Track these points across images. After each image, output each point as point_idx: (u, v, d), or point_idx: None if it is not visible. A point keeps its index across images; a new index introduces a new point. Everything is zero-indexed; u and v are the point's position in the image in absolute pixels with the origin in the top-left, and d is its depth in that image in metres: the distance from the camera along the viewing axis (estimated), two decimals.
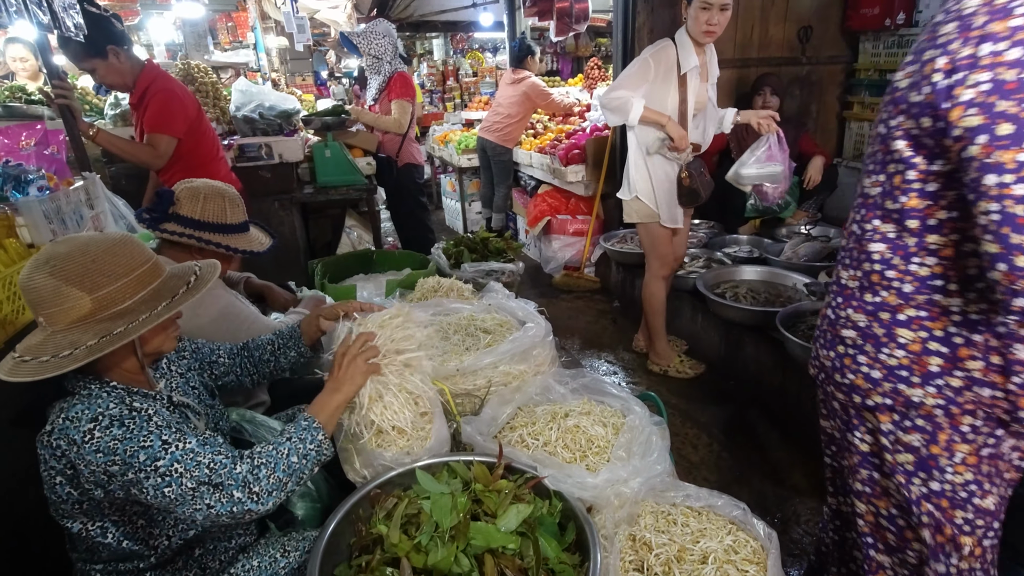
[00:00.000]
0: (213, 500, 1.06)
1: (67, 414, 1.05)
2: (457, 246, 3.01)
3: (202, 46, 6.46)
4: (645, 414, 1.53)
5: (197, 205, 1.62)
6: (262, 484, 1.10)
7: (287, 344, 1.57)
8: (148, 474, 1.03)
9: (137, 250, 1.14)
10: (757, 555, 1.17)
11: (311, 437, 1.19)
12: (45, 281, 1.04)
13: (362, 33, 3.69)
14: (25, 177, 1.72)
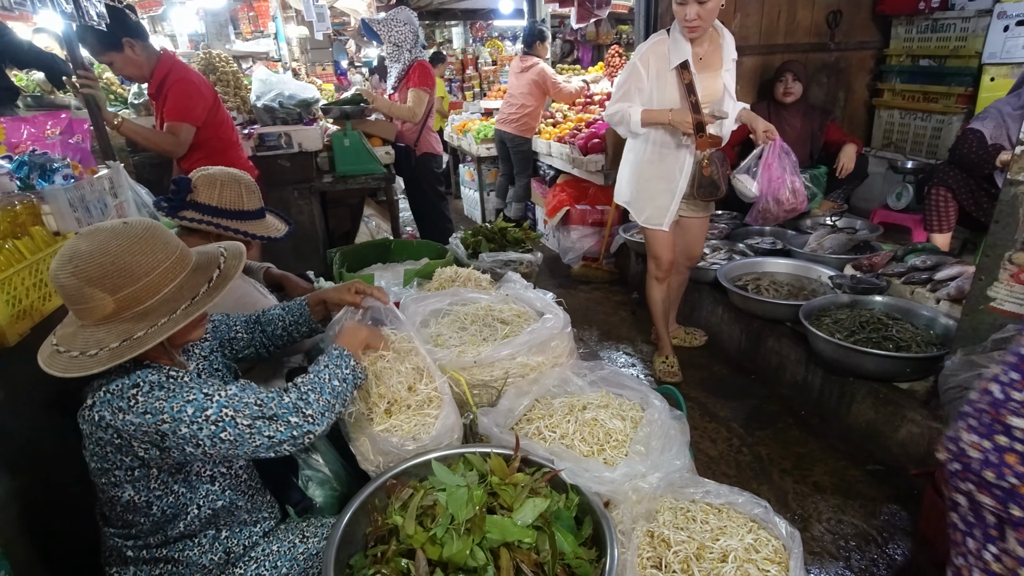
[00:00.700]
0: (272, 431, 1.13)
1: (107, 387, 1.09)
2: (475, 236, 3.00)
3: (224, 36, 6.51)
4: (664, 408, 1.50)
5: (214, 192, 1.64)
6: (313, 407, 1.18)
7: (298, 320, 1.60)
8: (201, 425, 1.08)
9: (160, 244, 1.12)
10: (779, 554, 1.14)
11: (345, 363, 1.31)
12: (68, 280, 1.05)
13: (383, 20, 3.67)
14: (50, 165, 1.74)
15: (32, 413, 1.42)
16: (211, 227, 1.61)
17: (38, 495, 1.39)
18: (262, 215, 1.76)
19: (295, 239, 3.43)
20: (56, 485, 1.42)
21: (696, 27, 2.28)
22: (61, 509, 1.44)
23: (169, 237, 1.17)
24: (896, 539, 1.97)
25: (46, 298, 1.50)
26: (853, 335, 2.35)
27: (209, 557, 1.23)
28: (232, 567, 1.25)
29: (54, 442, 1.43)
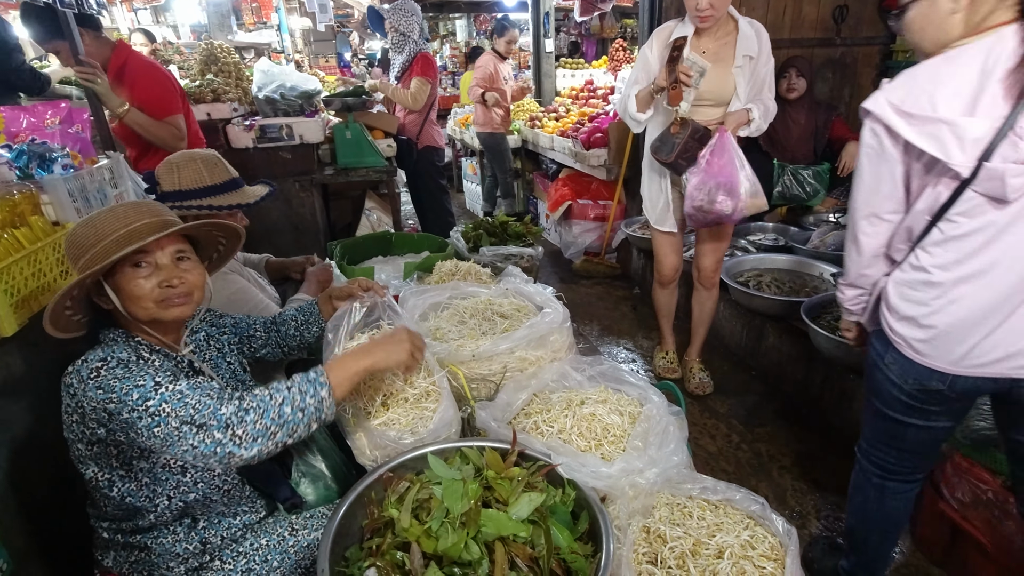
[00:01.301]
0: (196, 440, 1.04)
1: (86, 356, 1.12)
2: (476, 229, 2.99)
3: (226, 26, 6.49)
4: (663, 403, 1.50)
5: (175, 176, 1.64)
6: (247, 428, 1.06)
7: (308, 320, 1.60)
8: (140, 414, 1.05)
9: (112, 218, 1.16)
10: (775, 551, 1.14)
11: (313, 391, 1.13)
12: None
13: (392, 8, 3.66)
14: (50, 155, 1.73)
15: (30, 402, 1.42)
16: (183, 211, 1.61)
17: (36, 484, 1.40)
18: (235, 185, 1.74)
19: (296, 232, 3.43)
20: (54, 474, 1.42)
21: (708, 17, 2.13)
22: (59, 498, 1.44)
23: (136, 213, 1.18)
24: None
25: (45, 288, 1.50)
26: None
27: (184, 546, 1.23)
28: (211, 559, 1.25)
29: (53, 431, 1.42)
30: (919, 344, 1.28)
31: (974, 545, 1.69)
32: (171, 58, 4.19)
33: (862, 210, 1.32)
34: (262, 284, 2.03)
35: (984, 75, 1.10)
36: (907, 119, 1.16)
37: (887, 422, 1.43)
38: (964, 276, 1.21)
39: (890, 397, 1.38)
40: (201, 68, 3.44)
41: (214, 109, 3.14)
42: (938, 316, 1.24)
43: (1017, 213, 1.13)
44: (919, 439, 1.41)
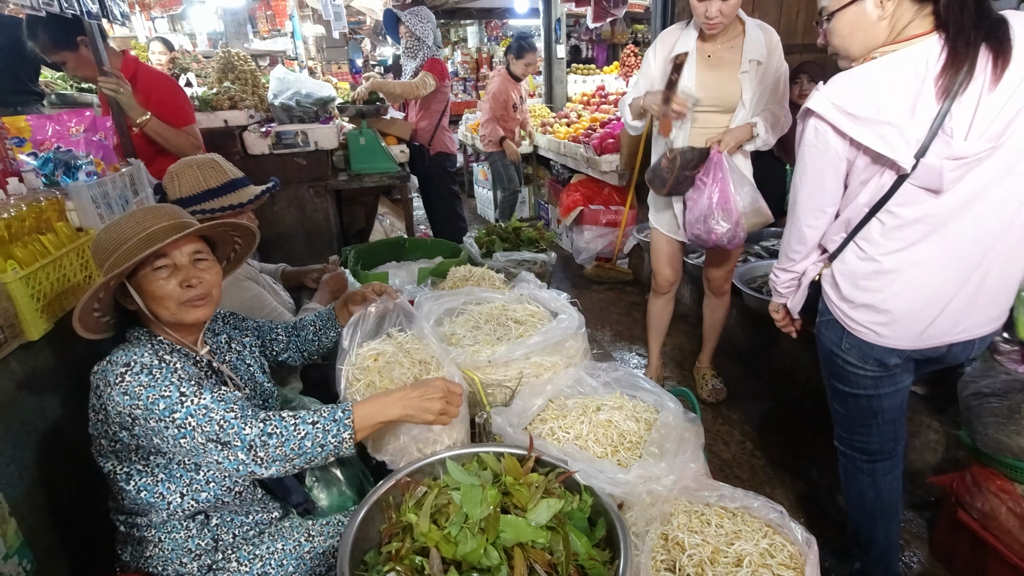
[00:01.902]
0: (220, 457, 1.11)
1: (112, 357, 1.15)
2: (489, 235, 3.01)
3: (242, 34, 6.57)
4: (679, 410, 1.50)
5: (175, 185, 1.69)
6: (268, 451, 1.12)
7: (326, 326, 1.65)
8: (167, 424, 1.10)
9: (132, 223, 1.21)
10: (795, 560, 1.13)
11: (336, 431, 1.16)
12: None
13: (411, 12, 3.71)
14: (75, 162, 1.77)
15: (55, 403, 1.45)
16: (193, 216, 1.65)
17: (61, 483, 1.42)
18: (236, 186, 1.76)
19: (309, 237, 3.46)
20: (78, 473, 1.44)
21: (716, 24, 2.09)
22: (83, 497, 1.46)
23: (155, 217, 1.22)
24: (913, 546, 1.95)
25: (70, 292, 1.53)
26: None
27: (196, 542, 1.25)
28: (224, 559, 1.26)
29: (77, 431, 1.45)
30: (880, 327, 1.38)
31: (994, 555, 1.67)
32: (189, 66, 4.26)
33: (806, 204, 1.42)
34: (276, 290, 2.06)
35: (918, 79, 1.19)
36: (853, 120, 1.24)
37: (860, 401, 1.52)
38: (913, 262, 1.32)
39: (856, 378, 1.48)
40: (219, 76, 3.49)
41: (231, 116, 3.19)
42: (895, 301, 1.35)
43: (955, 201, 1.25)
44: (893, 405, 1.51)
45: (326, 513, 1.44)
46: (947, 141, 1.19)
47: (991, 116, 1.18)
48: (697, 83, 2.21)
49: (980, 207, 1.26)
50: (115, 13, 1.93)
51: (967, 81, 1.16)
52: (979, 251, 1.29)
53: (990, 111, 1.17)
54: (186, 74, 3.69)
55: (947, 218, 1.27)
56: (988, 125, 1.18)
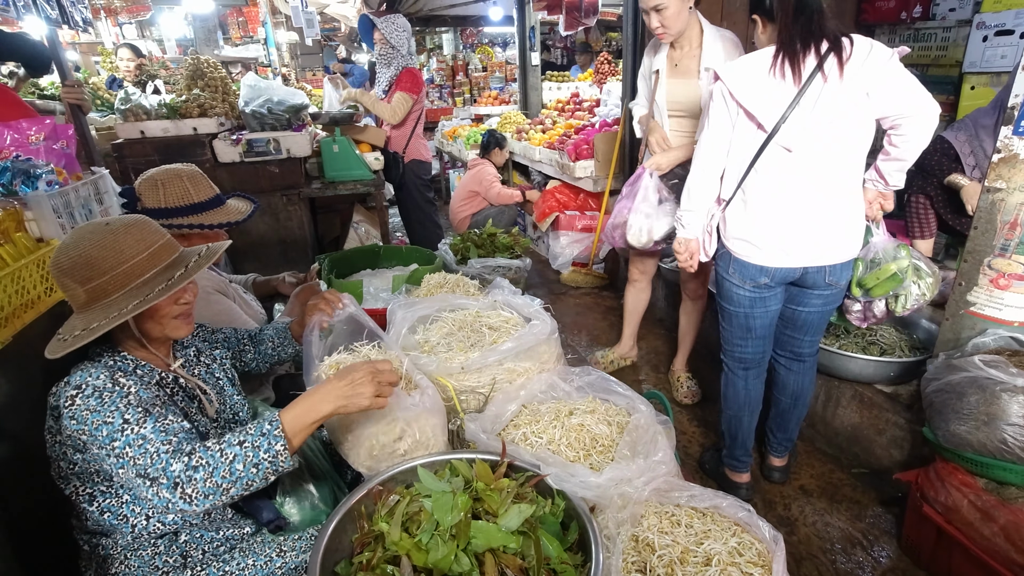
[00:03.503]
0: (150, 493, 1.05)
1: (68, 378, 1.13)
2: (464, 242, 3.01)
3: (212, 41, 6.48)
4: (651, 413, 1.51)
5: (159, 194, 1.64)
6: (196, 486, 1.04)
7: (284, 343, 1.67)
8: (108, 452, 1.08)
9: (133, 240, 1.17)
10: (762, 557, 1.15)
11: (267, 446, 1.08)
12: (52, 271, 1.16)
13: (385, 20, 3.69)
14: (34, 171, 1.72)
15: (13, 419, 1.40)
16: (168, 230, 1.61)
17: (20, 501, 1.37)
18: (219, 202, 1.74)
19: (284, 245, 3.42)
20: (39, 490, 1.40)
21: (662, 35, 2.23)
22: (44, 514, 1.42)
23: (148, 234, 1.20)
24: (881, 542, 1.99)
25: (28, 306, 1.49)
26: (839, 339, 2.38)
27: (164, 559, 1.22)
28: (193, 575, 1.24)
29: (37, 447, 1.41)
30: (750, 250, 1.83)
31: (958, 548, 1.71)
32: (157, 73, 4.18)
33: (707, 147, 1.81)
34: (247, 300, 2.02)
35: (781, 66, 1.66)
36: (742, 87, 1.70)
37: (739, 318, 1.96)
38: (772, 203, 1.77)
39: (738, 298, 1.92)
40: (187, 83, 3.43)
41: (201, 124, 3.14)
42: (760, 231, 1.80)
43: (802, 158, 1.71)
44: (765, 324, 1.95)
45: (299, 528, 1.41)
46: (799, 113, 1.66)
47: (828, 102, 1.64)
48: (668, 91, 2.36)
49: (819, 164, 1.71)
50: (76, 20, 1.89)
51: (814, 76, 1.63)
52: (818, 196, 1.75)
53: (827, 98, 1.64)
54: (154, 81, 3.62)
55: (796, 171, 1.73)
56: (827, 108, 1.65)
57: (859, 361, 2.23)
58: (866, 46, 1.66)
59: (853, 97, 1.63)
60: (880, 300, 1.98)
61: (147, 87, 3.47)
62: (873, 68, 1.63)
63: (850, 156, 1.73)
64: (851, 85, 1.63)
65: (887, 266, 1.91)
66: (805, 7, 1.65)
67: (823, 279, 1.84)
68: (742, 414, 2.10)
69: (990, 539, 1.60)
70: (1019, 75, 1.67)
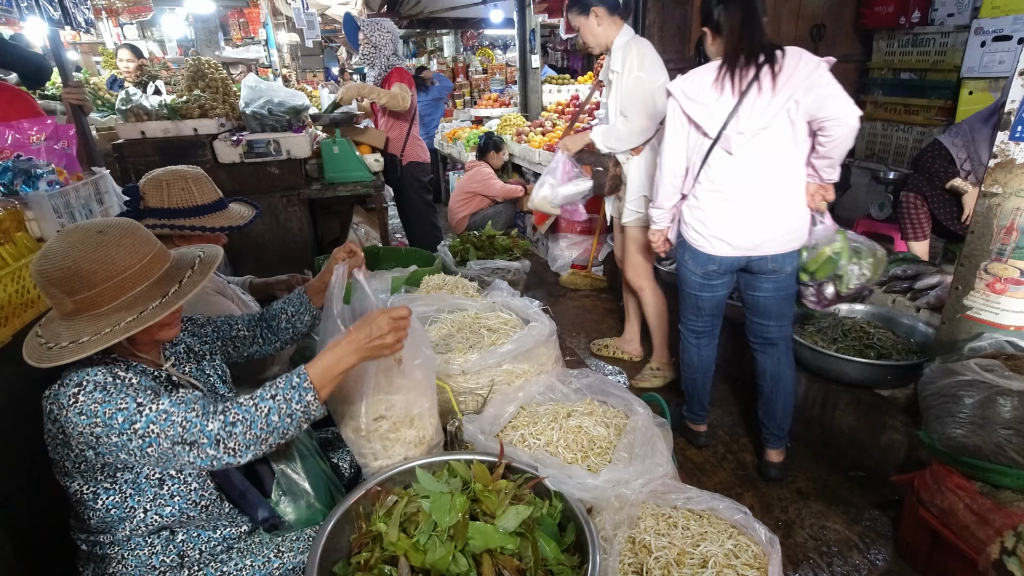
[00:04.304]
0: (192, 457, 1.10)
1: (63, 380, 1.12)
2: (463, 244, 3.02)
3: (213, 42, 6.49)
4: (648, 415, 1.52)
5: (163, 194, 1.63)
6: (237, 440, 1.11)
7: (299, 311, 1.60)
8: (130, 436, 1.08)
9: (125, 253, 1.12)
10: (758, 560, 1.15)
11: (298, 397, 1.15)
12: (36, 277, 1.12)
13: (369, 21, 3.71)
14: (35, 171, 1.73)
15: (11, 419, 1.41)
16: (169, 230, 1.60)
17: (16, 501, 1.38)
18: (222, 205, 1.72)
19: (283, 246, 3.42)
20: (35, 490, 1.40)
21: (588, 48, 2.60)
22: (40, 514, 1.42)
23: (141, 244, 1.16)
24: (878, 545, 1.99)
25: (28, 305, 1.49)
26: (836, 343, 2.39)
27: (160, 558, 1.22)
28: (191, 574, 1.24)
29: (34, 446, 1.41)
30: (701, 240, 2.07)
31: (953, 551, 1.72)
32: (158, 73, 4.19)
33: (669, 156, 2.05)
34: (245, 301, 2.02)
35: (726, 82, 1.88)
36: (689, 100, 1.94)
37: (692, 298, 2.23)
38: (717, 199, 2.00)
39: (692, 281, 2.18)
40: (188, 84, 3.44)
41: (201, 124, 3.14)
42: (709, 224, 2.03)
43: (740, 160, 1.94)
44: (713, 303, 2.22)
45: (294, 527, 1.41)
46: (736, 121, 1.89)
47: (761, 110, 1.85)
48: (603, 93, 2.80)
49: (756, 165, 1.93)
50: (79, 20, 1.90)
51: (751, 87, 1.84)
52: (756, 194, 1.96)
53: (760, 107, 1.85)
54: (155, 82, 3.63)
55: (736, 171, 1.95)
56: (760, 115, 1.85)
57: (856, 364, 2.24)
58: (796, 56, 1.85)
59: (785, 103, 1.83)
60: (828, 283, 2.13)
61: (148, 88, 3.48)
62: (802, 77, 1.82)
63: (785, 156, 1.92)
64: (783, 92, 1.83)
65: (823, 250, 2.08)
66: (747, 24, 1.86)
67: (767, 266, 2.06)
68: (696, 375, 2.39)
69: (985, 543, 1.61)
70: (1016, 80, 1.68)
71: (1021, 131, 1.68)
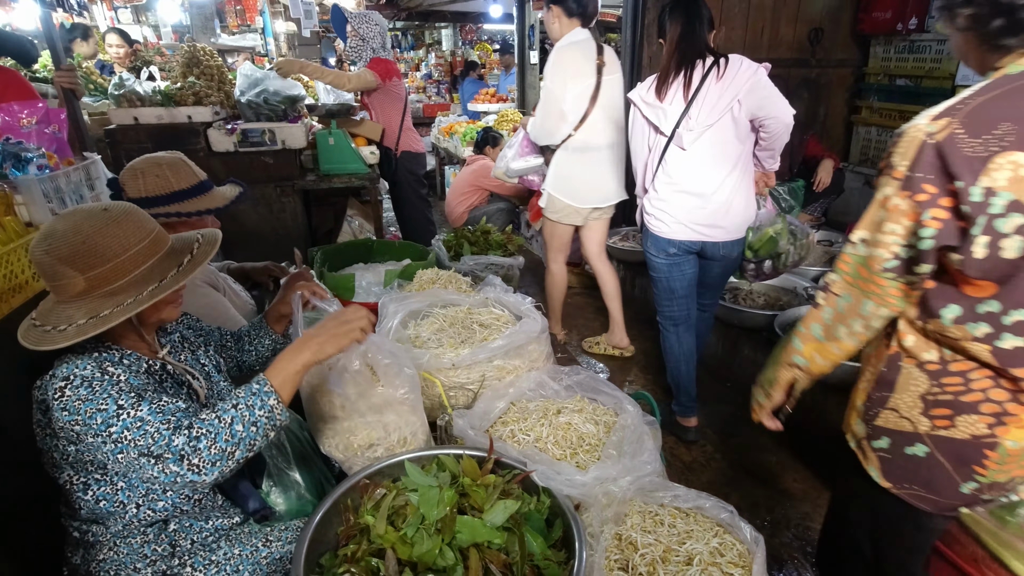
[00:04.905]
0: (156, 471, 1.06)
1: (54, 371, 1.10)
2: (457, 238, 3.00)
3: (209, 29, 6.43)
4: (638, 413, 1.53)
5: (139, 183, 1.60)
6: (202, 456, 1.06)
7: (258, 333, 1.61)
8: (104, 439, 1.06)
9: (133, 228, 1.15)
10: (743, 558, 1.16)
11: (260, 403, 1.12)
12: (43, 258, 1.10)
13: (357, 14, 3.68)
14: (25, 155, 1.71)
15: (2, 408, 1.39)
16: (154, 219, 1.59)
17: (12, 487, 1.37)
18: (203, 189, 1.69)
19: (277, 237, 3.40)
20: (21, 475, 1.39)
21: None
22: (27, 498, 1.41)
23: (144, 221, 1.18)
24: None
25: (16, 290, 1.48)
26: None
27: (152, 547, 1.22)
28: (181, 564, 1.24)
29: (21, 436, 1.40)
30: (661, 226, 2.34)
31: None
32: (152, 59, 4.14)
33: (635, 151, 2.39)
34: (236, 291, 2.00)
35: (677, 87, 2.17)
36: (646, 104, 2.25)
37: (662, 282, 2.45)
38: (673, 189, 2.29)
39: (659, 265, 2.42)
40: (183, 70, 3.40)
41: (195, 112, 3.12)
42: (666, 211, 2.32)
43: (692, 154, 2.22)
44: (683, 285, 2.42)
45: (285, 518, 1.41)
46: (687, 120, 2.17)
47: (709, 109, 2.12)
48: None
49: (704, 159, 2.21)
50: (71, 2, 1.87)
51: (699, 90, 2.13)
52: (705, 185, 2.23)
53: (708, 107, 2.12)
54: (149, 68, 3.59)
55: (689, 164, 2.23)
56: (708, 114, 2.13)
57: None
58: (737, 62, 2.12)
59: (729, 103, 2.10)
60: (768, 260, 2.39)
61: (142, 73, 3.44)
62: (743, 80, 2.09)
63: (731, 150, 2.21)
64: (727, 94, 2.10)
65: (766, 231, 2.33)
66: (686, 36, 2.15)
67: (718, 252, 2.35)
68: (680, 364, 2.52)
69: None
70: None
71: None
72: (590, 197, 2.91)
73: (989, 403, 1.05)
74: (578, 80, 2.65)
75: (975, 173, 0.91)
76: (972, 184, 0.91)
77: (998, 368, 1.01)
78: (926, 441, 1.12)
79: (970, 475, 1.10)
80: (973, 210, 0.92)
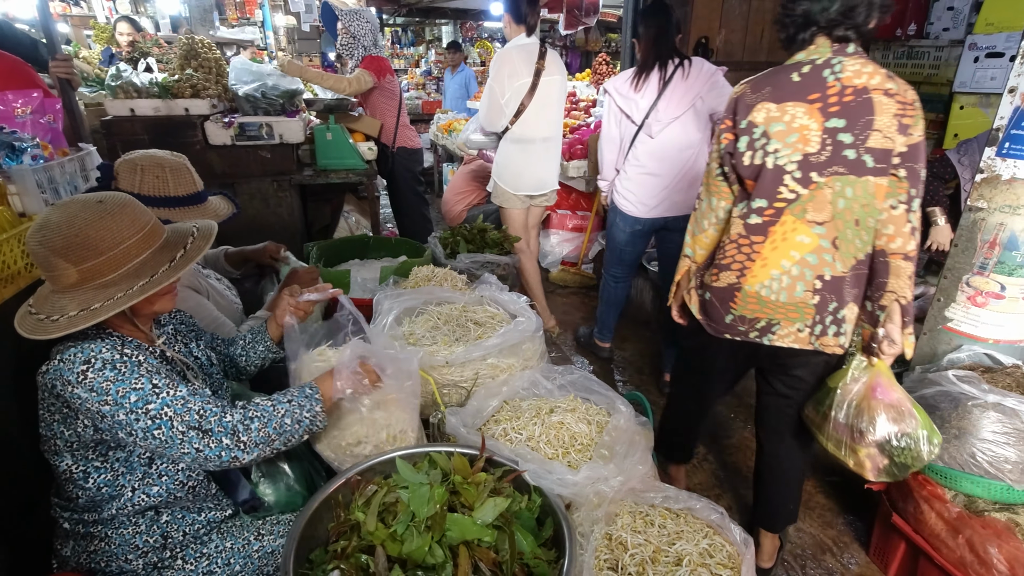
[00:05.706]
0: (202, 445, 1.12)
1: (62, 356, 1.10)
2: (454, 236, 3.00)
3: (208, 21, 6.38)
4: (630, 414, 1.53)
5: (135, 178, 1.57)
6: (251, 435, 1.15)
7: (255, 340, 1.59)
8: (139, 416, 1.09)
9: (127, 221, 1.15)
10: (732, 560, 1.17)
11: (310, 406, 1.23)
12: (37, 248, 1.11)
13: (348, 11, 3.66)
14: (19, 145, 1.70)
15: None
16: None
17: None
18: (198, 200, 1.65)
19: (273, 231, 3.39)
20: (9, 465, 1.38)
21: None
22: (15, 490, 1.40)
23: (140, 214, 1.19)
24: (850, 549, 2.03)
25: (8, 281, 1.47)
26: None
27: (144, 538, 1.22)
28: (172, 556, 1.24)
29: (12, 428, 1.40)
30: (629, 206, 2.74)
31: (924, 558, 1.75)
32: (150, 50, 4.11)
33: (605, 140, 2.75)
34: (220, 290, 1.93)
35: (651, 81, 2.52)
36: (621, 97, 2.59)
37: (618, 251, 2.92)
38: (639, 172, 2.66)
39: (619, 238, 2.87)
40: (181, 62, 3.38)
41: (193, 104, 3.10)
42: (632, 191, 2.71)
43: (658, 142, 2.57)
44: (632, 256, 2.93)
45: (273, 509, 1.41)
46: (656, 111, 2.51)
47: (676, 103, 2.48)
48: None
49: (669, 146, 2.55)
50: None
51: (667, 86, 2.48)
52: (668, 168, 2.59)
53: (675, 101, 2.48)
54: (146, 59, 3.56)
55: (654, 151, 2.59)
56: (675, 107, 2.48)
57: None
58: (699, 64, 2.49)
59: (693, 99, 2.46)
60: None
61: (139, 64, 3.42)
62: (703, 80, 2.46)
63: (692, 139, 2.55)
64: (692, 91, 2.46)
65: None
66: (658, 39, 2.47)
67: (678, 225, 2.62)
68: (610, 307, 3.15)
69: (955, 550, 1.64)
70: (1005, 97, 1.71)
71: (1008, 147, 1.71)
72: (526, 184, 3.15)
73: (736, 263, 1.58)
74: (514, 78, 2.94)
75: (746, 112, 1.49)
76: (743, 119, 1.50)
77: (745, 236, 1.55)
78: (709, 288, 1.67)
79: (728, 310, 1.62)
80: (738, 133, 1.52)
